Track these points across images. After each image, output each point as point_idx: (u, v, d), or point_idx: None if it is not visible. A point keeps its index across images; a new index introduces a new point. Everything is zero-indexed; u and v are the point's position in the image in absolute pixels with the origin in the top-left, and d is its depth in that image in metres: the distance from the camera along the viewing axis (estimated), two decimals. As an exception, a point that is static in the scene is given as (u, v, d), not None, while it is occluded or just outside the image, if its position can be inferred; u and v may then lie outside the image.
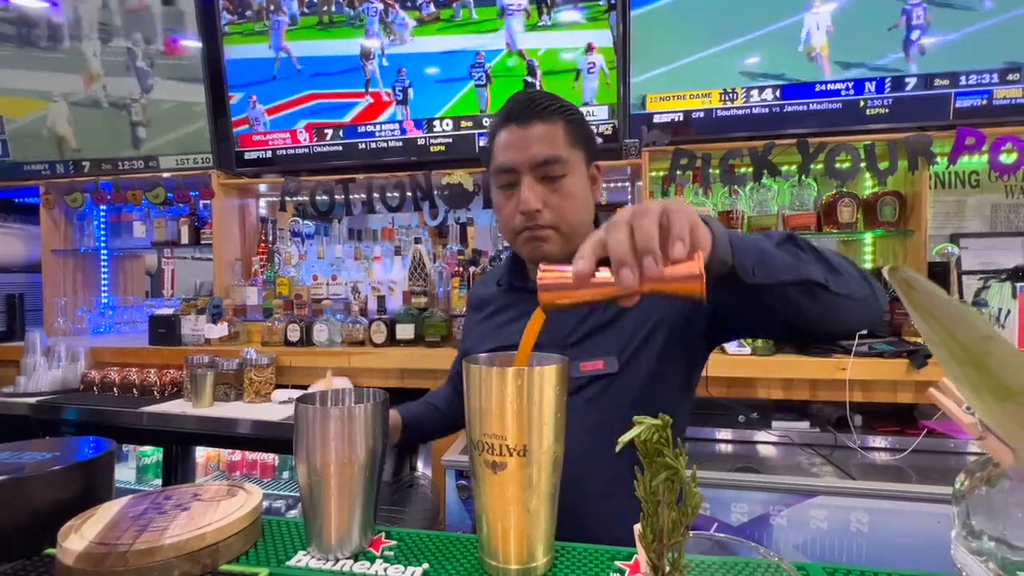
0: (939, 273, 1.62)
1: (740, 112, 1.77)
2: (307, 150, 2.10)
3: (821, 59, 1.71)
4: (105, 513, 0.56)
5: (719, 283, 0.52)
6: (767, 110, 1.75)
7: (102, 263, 2.53)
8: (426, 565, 0.54)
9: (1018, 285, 1.50)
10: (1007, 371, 0.23)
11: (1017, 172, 1.63)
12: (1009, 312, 1.51)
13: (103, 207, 2.37)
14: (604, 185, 2.15)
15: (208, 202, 2.16)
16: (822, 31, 1.70)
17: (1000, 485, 0.46)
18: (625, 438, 0.31)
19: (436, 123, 1.98)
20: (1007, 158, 1.61)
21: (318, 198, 2.04)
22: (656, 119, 1.82)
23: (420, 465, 1.84)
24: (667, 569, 0.33)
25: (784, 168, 1.76)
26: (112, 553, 0.47)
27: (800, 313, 0.57)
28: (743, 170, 1.76)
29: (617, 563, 0.55)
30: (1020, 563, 0.43)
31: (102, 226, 2.48)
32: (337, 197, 2.02)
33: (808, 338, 0.63)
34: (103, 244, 2.47)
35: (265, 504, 1.94)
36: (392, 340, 1.81)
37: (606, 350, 0.79)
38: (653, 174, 1.85)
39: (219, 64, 2.10)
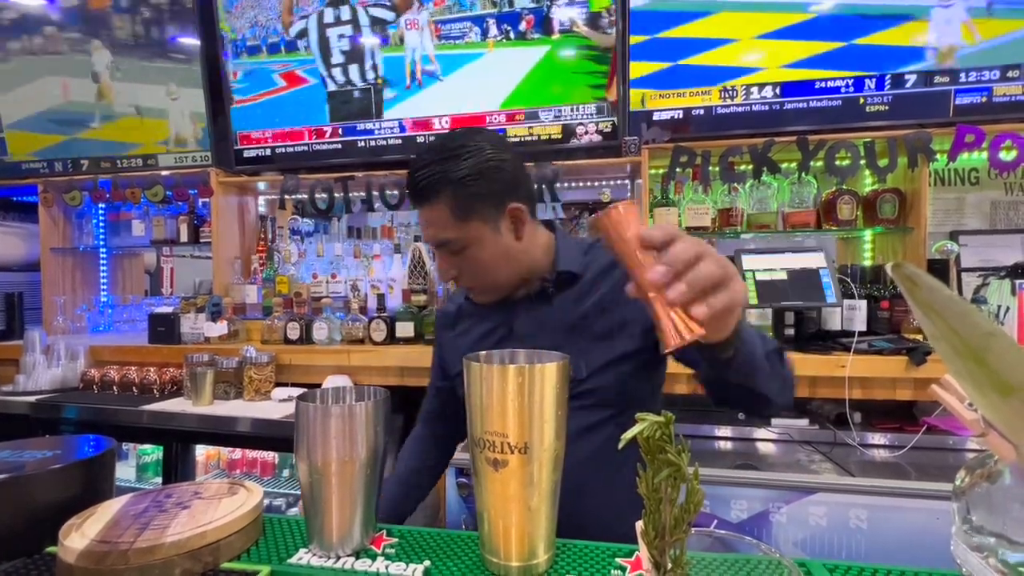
0: (938, 270, 1.62)
1: (740, 109, 1.77)
2: (306, 148, 2.09)
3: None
4: (106, 511, 0.56)
5: (707, 349, 0.57)
6: (767, 107, 1.75)
7: (101, 261, 2.52)
8: (428, 563, 0.54)
9: (1017, 282, 1.50)
10: (1009, 367, 0.23)
11: (1016, 169, 1.63)
12: (1008, 309, 1.51)
13: (102, 205, 2.37)
14: (604, 183, 2.15)
15: (207, 200, 2.15)
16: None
17: (1000, 481, 0.46)
18: (628, 435, 0.31)
19: (435, 121, 1.98)
20: (1007, 155, 1.61)
21: (317, 196, 2.04)
22: (656, 116, 1.82)
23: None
24: (669, 566, 0.33)
25: (784, 165, 1.76)
26: (113, 551, 0.48)
27: (730, 397, 0.71)
28: (743, 167, 1.76)
29: (618, 560, 0.55)
30: (1021, 559, 0.43)
31: (101, 224, 2.48)
32: (336, 195, 2.02)
33: (718, 402, 0.75)
34: (102, 242, 2.47)
35: (265, 502, 1.94)
36: (392, 338, 1.81)
37: (573, 356, 0.80)
38: (653, 171, 1.85)
39: (217, 61, 2.10)
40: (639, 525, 0.34)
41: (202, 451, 2.03)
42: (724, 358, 0.58)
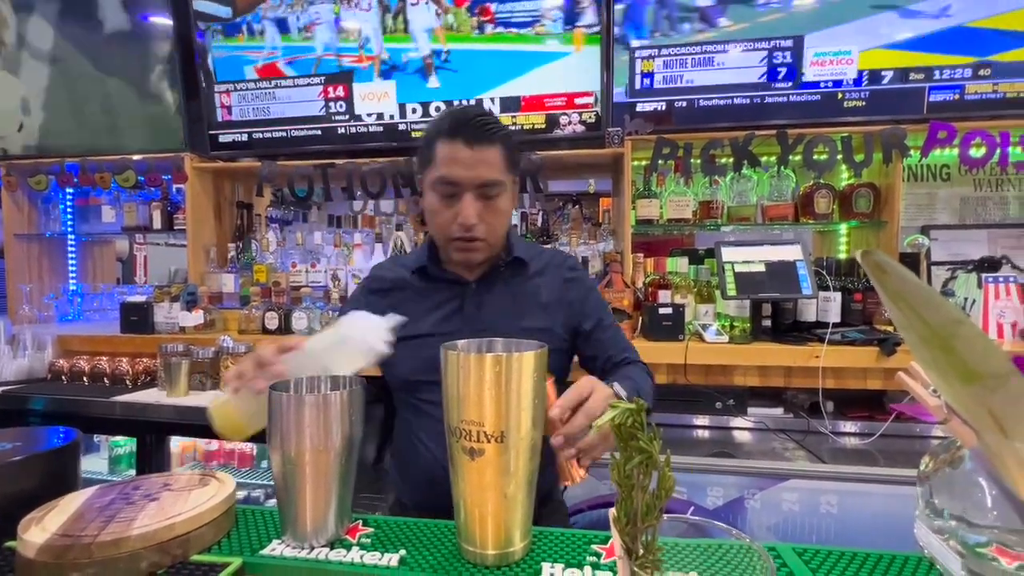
0: (910, 264, 1.66)
1: (722, 103, 1.78)
2: (284, 133, 2.04)
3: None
4: (70, 504, 0.54)
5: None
6: (748, 100, 1.76)
7: (69, 248, 2.44)
8: (403, 552, 0.54)
9: (983, 275, 1.55)
10: (973, 354, 0.23)
11: (985, 166, 1.67)
12: (975, 302, 1.56)
13: (70, 190, 2.28)
14: (588, 176, 2.15)
15: (181, 186, 2.09)
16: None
17: (962, 467, 0.48)
18: (600, 422, 0.31)
19: (418, 108, 1.95)
20: (976, 152, 1.65)
21: (296, 184, 2.00)
22: (639, 107, 1.82)
23: (401, 453, 1.83)
24: (641, 552, 0.33)
25: (764, 159, 1.78)
26: (76, 545, 0.46)
27: None
28: (724, 160, 1.77)
29: (594, 547, 0.56)
30: (979, 540, 0.44)
31: (69, 210, 2.38)
32: (316, 183, 1.98)
33: None
34: (70, 229, 2.38)
35: (243, 493, 1.92)
36: (373, 328, 1.79)
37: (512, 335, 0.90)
38: (636, 163, 1.85)
39: (190, 43, 2.03)
40: (611, 512, 0.34)
41: (177, 443, 1.99)
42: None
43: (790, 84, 1.73)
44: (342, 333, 0.66)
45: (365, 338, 0.66)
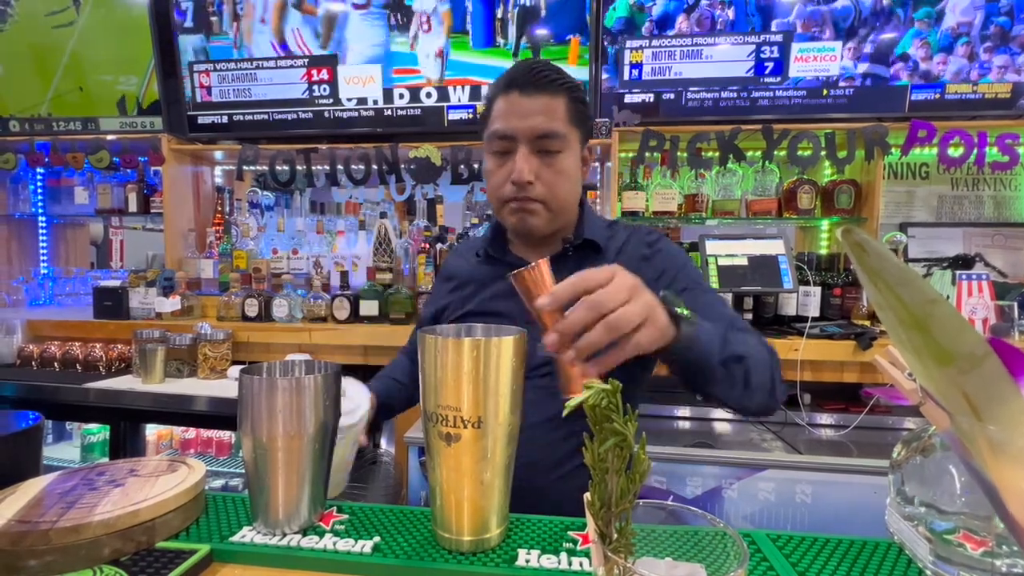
0: (888, 260, 1.69)
1: (709, 96, 1.78)
2: (266, 116, 1.99)
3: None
4: (29, 490, 0.52)
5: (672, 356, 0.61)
6: (735, 94, 1.77)
7: (40, 230, 2.36)
8: (377, 539, 0.53)
9: (957, 273, 1.59)
10: (948, 335, 0.23)
11: (963, 165, 1.71)
12: (948, 298, 1.60)
13: (40, 170, 2.20)
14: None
15: (158, 168, 2.03)
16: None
17: (933, 455, 0.48)
18: (573, 403, 0.30)
19: (404, 92, 1.91)
20: (954, 151, 1.68)
21: (278, 168, 1.95)
22: (627, 99, 1.81)
23: (383, 442, 1.82)
24: (614, 536, 0.32)
25: (749, 154, 1.79)
26: (33, 531, 0.44)
27: (704, 392, 0.71)
28: (710, 154, 1.78)
29: (571, 533, 0.55)
30: (948, 527, 0.45)
31: (39, 190, 2.30)
32: (298, 167, 1.94)
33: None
34: (41, 210, 2.30)
35: (221, 482, 1.89)
36: (355, 317, 1.76)
37: None
38: (623, 155, 1.85)
39: (168, 17, 1.96)
40: (586, 496, 0.34)
41: (153, 431, 1.95)
42: (671, 362, 0.63)
43: (778, 79, 1.74)
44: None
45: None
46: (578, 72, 1.80)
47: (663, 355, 0.61)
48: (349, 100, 1.94)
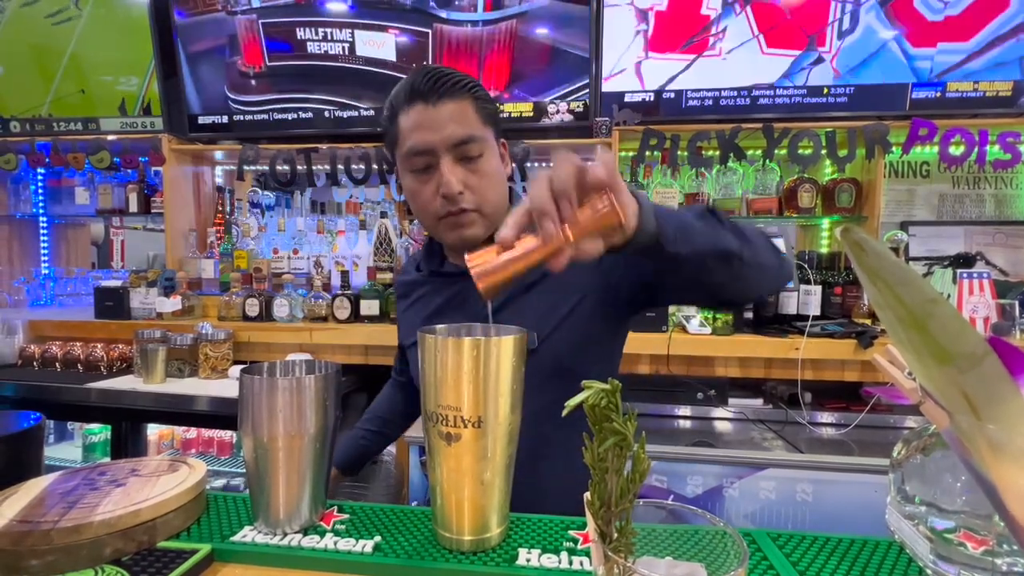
0: (889, 258, 1.69)
1: (710, 95, 1.78)
2: (266, 116, 1.99)
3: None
4: (31, 490, 0.53)
5: (643, 252, 0.55)
6: (735, 93, 1.76)
7: (41, 230, 2.36)
8: (378, 538, 0.53)
9: (958, 271, 1.58)
10: (948, 335, 0.23)
11: (964, 164, 1.70)
12: (949, 296, 1.59)
13: (41, 170, 2.20)
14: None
15: (159, 169, 2.03)
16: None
17: (934, 454, 0.48)
18: (572, 402, 0.30)
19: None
20: (955, 150, 1.68)
21: (278, 168, 1.95)
22: (627, 98, 1.81)
23: (384, 442, 1.82)
24: (615, 536, 0.32)
25: (749, 152, 1.79)
26: (35, 531, 0.44)
27: (715, 280, 0.61)
28: (710, 153, 1.78)
29: (571, 532, 0.55)
30: (948, 526, 0.45)
31: (40, 191, 2.31)
32: (299, 167, 1.94)
33: (724, 304, 0.69)
34: (42, 210, 2.31)
35: (222, 482, 1.89)
36: (356, 316, 1.77)
37: (526, 327, 0.78)
38: (623, 154, 1.85)
39: (168, 17, 1.96)
40: (586, 496, 0.34)
41: (155, 431, 1.95)
42: (663, 245, 0.54)
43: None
44: None
45: None
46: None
47: (640, 245, 0.53)
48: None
